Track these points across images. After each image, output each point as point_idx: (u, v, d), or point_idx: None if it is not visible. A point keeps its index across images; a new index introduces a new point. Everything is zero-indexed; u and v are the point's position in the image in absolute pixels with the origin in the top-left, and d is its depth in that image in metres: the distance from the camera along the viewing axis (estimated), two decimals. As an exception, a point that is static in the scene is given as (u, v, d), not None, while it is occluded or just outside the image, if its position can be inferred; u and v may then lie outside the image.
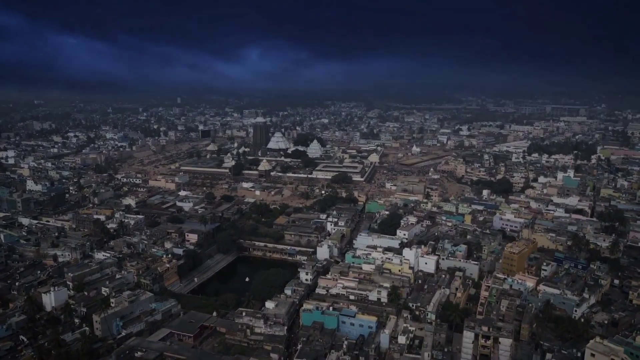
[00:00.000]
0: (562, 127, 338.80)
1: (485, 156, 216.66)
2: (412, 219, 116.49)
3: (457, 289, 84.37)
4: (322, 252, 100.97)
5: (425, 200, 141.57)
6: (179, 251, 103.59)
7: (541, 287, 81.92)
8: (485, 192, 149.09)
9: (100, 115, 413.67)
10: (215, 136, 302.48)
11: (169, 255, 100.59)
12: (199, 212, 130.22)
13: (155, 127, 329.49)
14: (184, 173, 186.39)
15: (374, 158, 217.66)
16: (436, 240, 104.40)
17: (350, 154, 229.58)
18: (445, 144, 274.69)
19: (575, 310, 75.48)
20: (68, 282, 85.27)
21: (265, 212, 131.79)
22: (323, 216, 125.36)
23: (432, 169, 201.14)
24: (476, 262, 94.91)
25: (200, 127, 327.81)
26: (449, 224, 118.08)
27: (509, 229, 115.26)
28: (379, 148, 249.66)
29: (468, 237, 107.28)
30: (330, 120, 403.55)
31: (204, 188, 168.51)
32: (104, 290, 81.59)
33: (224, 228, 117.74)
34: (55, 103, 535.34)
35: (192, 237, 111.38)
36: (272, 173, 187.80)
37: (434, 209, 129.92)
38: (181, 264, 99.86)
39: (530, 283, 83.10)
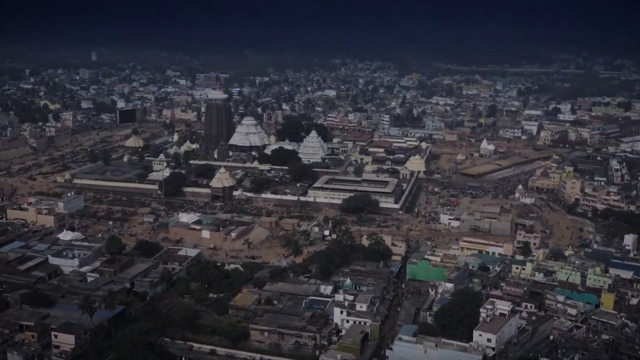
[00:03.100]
0: None
1: (613, 162, 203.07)
2: (501, 306, 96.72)
3: None
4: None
5: (519, 256, 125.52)
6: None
7: None
8: (629, 239, 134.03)
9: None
10: (143, 120, 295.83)
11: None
12: (89, 280, 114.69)
13: (44, 103, 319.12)
14: (75, 192, 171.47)
15: (415, 164, 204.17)
16: (551, 356, 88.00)
17: (375, 156, 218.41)
18: (536, 136, 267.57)
19: None
20: None
21: (216, 280, 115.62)
22: (326, 288, 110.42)
23: (519, 185, 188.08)
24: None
25: (120, 105, 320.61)
26: (572, 311, 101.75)
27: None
28: (423, 144, 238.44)
29: (616, 342, 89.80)
30: (340, 92, 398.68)
31: (110, 224, 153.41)
32: None
33: (133, 316, 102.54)
34: None
35: (66, 341, 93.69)
36: (235, 193, 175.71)
37: (537, 276, 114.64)
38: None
39: None
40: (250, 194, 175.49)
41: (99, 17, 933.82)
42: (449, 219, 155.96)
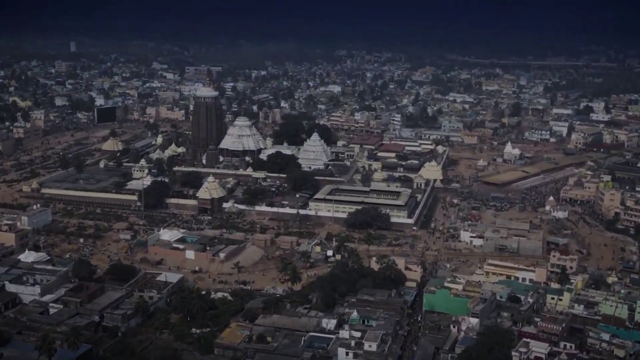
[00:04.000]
0: None
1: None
2: (537, 347, 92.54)
3: None
4: None
5: (553, 283, 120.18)
6: None
7: None
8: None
9: None
10: (124, 119, 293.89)
11: None
12: (52, 311, 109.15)
13: (13, 100, 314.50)
14: (42, 204, 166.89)
15: (431, 171, 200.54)
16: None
17: (385, 162, 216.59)
18: (566, 139, 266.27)
19: None
20: None
21: (200, 312, 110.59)
22: (329, 322, 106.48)
23: (550, 196, 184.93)
24: None
25: (98, 102, 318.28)
26: (619, 352, 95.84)
27: None
28: (439, 148, 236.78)
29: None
30: (346, 87, 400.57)
31: (80, 242, 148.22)
32: None
33: (100, 357, 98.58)
34: None
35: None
36: (225, 205, 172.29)
37: (577, 309, 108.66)
38: None
39: None
40: (242, 207, 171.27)
41: (81, 3, 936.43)
42: (471, 236, 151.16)
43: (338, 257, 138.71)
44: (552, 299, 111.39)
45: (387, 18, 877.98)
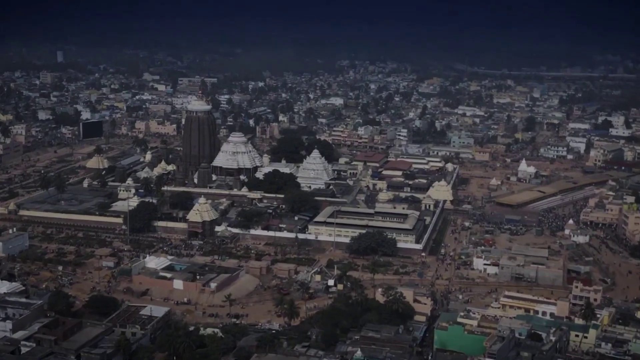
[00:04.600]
0: None
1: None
2: None
3: None
4: None
5: (577, 318, 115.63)
6: None
7: None
8: None
9: None
10: (111, 134, 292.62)
11: None
12: (23, 350, 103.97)
13: None
14: (19, 228, 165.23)
15: (441, 192, 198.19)
16: None
17: (391, 181, 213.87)
18: (584, 156, 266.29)
19: None
20: None
21: (187, 351, 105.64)
22: None
23: (570, 219, 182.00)
24: None
25: (84, 116, 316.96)
26: None
27: None
28: (449, 165, 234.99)
29: None
30: (348, 100, 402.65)
31: (59, 271, 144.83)
32: None
33: None
34: None
35: None
36: (218, 229, 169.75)
37: (604, 347, 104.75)
38: None
39: None
40: (236, 230, 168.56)
41: (71, 10, 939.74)
42: (485, 263, 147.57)
43: (340, 287, 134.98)
44: (577, 336, 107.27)
45: (392, 27, 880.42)
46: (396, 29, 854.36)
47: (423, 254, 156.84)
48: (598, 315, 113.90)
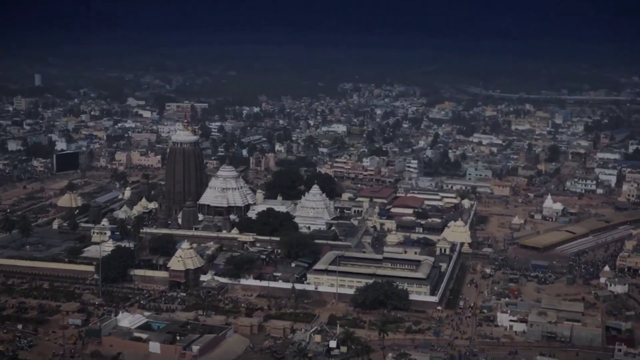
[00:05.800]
0: None
1: None
2: None
3: None
4: None
5: None
6: None
7: None
8: None
9: None
10: (88, 167, 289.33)
11: None
12: None
13: None
14: None
15: (457, 233, 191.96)
16: None
17: (401, 220, 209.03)
18: (615, 190, 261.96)
19: None
20: None
21: None
22: None
23: (606, 265, 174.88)
24: None
25: (59, 147, 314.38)
26: None
27: None
28: (465, 202, 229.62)
29: None
30: (352, 126, 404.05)
31: (17, 330, 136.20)
32: None
33: None
34: None
35: None
36: (204, 278, 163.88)
37: None
38: None
39: None
40: (224, 280, 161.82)
41: (54, 31, 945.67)
42: (511, 320, 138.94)
43: (344, 349, 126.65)
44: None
45: (399, 47, 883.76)
46: (404, 50, 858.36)
47: (439, 307, 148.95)
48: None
